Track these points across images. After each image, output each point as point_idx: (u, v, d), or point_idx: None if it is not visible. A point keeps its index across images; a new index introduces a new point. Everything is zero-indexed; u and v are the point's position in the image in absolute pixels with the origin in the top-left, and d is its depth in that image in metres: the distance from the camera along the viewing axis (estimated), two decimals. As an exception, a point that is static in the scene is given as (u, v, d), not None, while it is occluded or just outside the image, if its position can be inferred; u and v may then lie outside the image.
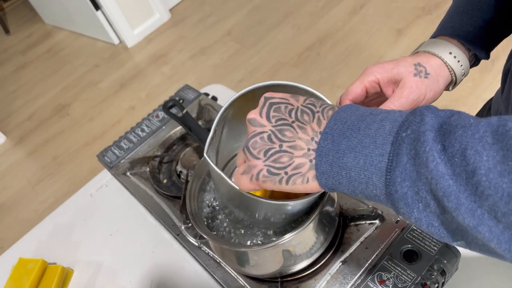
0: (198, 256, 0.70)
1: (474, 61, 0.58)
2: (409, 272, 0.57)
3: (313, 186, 0.37)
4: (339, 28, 2.42)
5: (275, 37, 2.54)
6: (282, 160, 0.37)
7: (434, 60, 0.54)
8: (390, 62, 0.53)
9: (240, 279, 0.64)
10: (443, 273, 0.57)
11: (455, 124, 0.29)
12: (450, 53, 0.54)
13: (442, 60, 0.54)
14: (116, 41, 2.96)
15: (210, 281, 0.69)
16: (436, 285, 0.56)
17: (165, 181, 0.83)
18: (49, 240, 0.87)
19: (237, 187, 0.42)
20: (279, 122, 0.38)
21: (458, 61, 0.54)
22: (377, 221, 0.64)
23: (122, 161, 0.88)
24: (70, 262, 0.82)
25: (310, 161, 0.36)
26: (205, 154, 0.48)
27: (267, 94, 0.41)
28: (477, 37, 0.56)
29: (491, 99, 0.73)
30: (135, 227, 0.82)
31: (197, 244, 0.70)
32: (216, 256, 0.67)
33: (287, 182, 0.37)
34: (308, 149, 0.37)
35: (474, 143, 0.27)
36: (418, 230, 0.61)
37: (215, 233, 0.63)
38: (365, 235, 0.63)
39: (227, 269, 0.66)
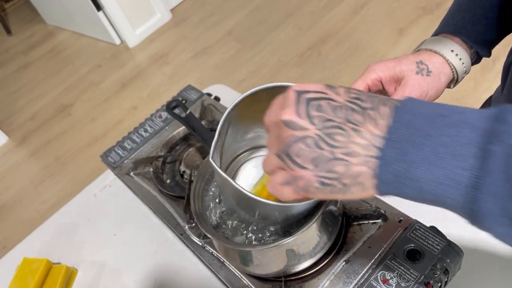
0: (202, 255, 0.70)
1: (476, 59, 0.58)
2: (412, 271, 0.58)
3: (369, 194, 0.34)
4: (340, 28, 2.42)
5: (276, 37, 2.55)
6: (336, 169, 0.33)
7: (436, 58, 0.54)
8: (392, 60, 0.53)
9: (244, 278, 0.65)
10: (446, 272, 0.57)
11: None
12: (452, 51, 0.54)
13: (444, 58, 0.54)
14: (118, 41, 2.96)
15: (214, 281, 0.69)
16: (439, 284, 0.57)
17: (168, 181, 0.83)
18: (53, 240, 0.87)
19: (245, 191, 0.42)
20: (326, 124, 0.33)
21: (460, 59, 0.54)
22: (380, 221, 0.64)
23: (125, 162, 0.89)
24: (74, 262, 0.82)
25: (369, 168, 0.32)
26: (210, 159, 0.48)
27: (297, 87, 0.35)
28: (479, 34, 0.56)
29: (490, 97, 0.73)
30: (139, 227, 0.83)
31: (201, 244, 0.71)
32: (220, 256, 0.68)
33: (343, 193, 0.34)
34: (366, 156, 0.32)
35: None
36: (421, 229, 0.61)
37: (219, 232, 0.63)
38: (368, 234, 0.64)
39: (231, 268, 0.66)
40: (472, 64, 0.58)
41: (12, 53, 3.34)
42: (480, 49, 0.57)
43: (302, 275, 0.62)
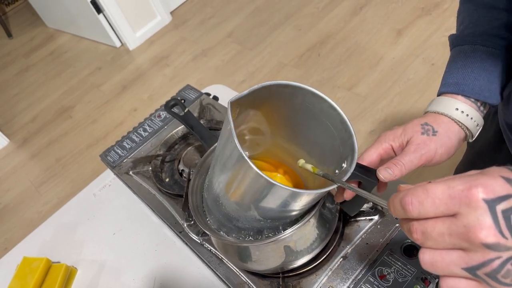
0: (200, 253, 0.70)
1: (489, 107, 0.57)
2: (409, 266, 0.58)
3: None
4: (339, 29, 2.43)
5: (276, 39, 2.55)
6: None
7: (441, 118, 0.54)
8: (400, 127, 0.54)
9: (242, 275, 0.65)
10: (443, 267, 0.57)
11: None
12: (457, 109, 0.54)
13: (450, 118, 0.54)
14: (118, 44, 2.97)
15: (213, 278, 0.70)
16: (437, 279, 0.57)
17: (167, 179, 0.84)
18: (53, 239, 0.88)
19: (271, 181, 0.41)
20: None
21: (467, 115, 0.54)
22: (377, 217, 0.65)
23: (124, 161, 0.89)
24: (74, 261, 0.82)
25: None
26: (241, 153, 0.43)
27: (485, 195, 0.29)
28: (482, 87, 0.55)
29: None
30: (138, 225, 0.83)
31: (199, 241, 0.71)
32: (219, 253, 0.68)
33: None
34: None
35: None
36: (418, 225, 0.61)
37: (217, 229, 0.64)
38: (365, 230, 0.64)
39: (229, 265, 0.67)
40: (487, 111, 0.58)
41: (13, 56, 3.35)
42: (487, 99, 0.56)
43: (300, 271, 0.62)
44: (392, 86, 1.99)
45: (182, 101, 0.95)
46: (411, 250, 0.60)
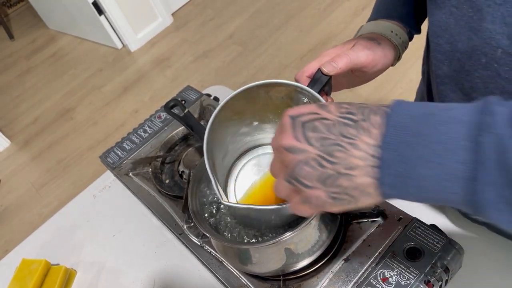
0: (200, 255, 0.70)
1: (409, 36, 0.63)
2: (412, 269, 0.57)
3: (378, 200, 0.35)
4: (341, 30, 2.42)
5: (277, 40, 2.55)
6: (341, 184, 0.34)
7: (380, 36, 0.58)
8: (342, 44, 0.57)
9: (243, 277, 0.64)
10: (446, 270, 0.56)
11: None
12: (392, 31, 0.59)
13: (386, 38, 0.58)
14: (119, 46, 2.97)
15: (213, 280, 0.69)
16: (440, 282, 0.56)
17: (167, 181, 0.83)
18: (52, 241, 0.87)
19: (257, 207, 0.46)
20: (323, 143, 0.34)
21: (400, 37, 0.59)
22: (379, 219, 0.64)
23: (124, 162, 0.89)
24: (73, 263, 0.82)
25: (372, 177, 0.33)
26: (223, 202, 0.50)
27: (291, 112, 0.37)
28: (409, 14, 0.61)
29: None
30: (138, 227, 0.82)
31: (199, 243, 0.70)
32: (219, 255, 0.67)
33: (354, 203, 0.35)
34: (367, 166, 0.33)
35: None
36: (421, 227, 0.60)
37: (217, 232, 0.63)
38: (368, 232, 0.63)
39: (229, 267, 0.66)
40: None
41: (14, 58, 3.36)
42: (411, 28, 0.62)
43: (301, 274, 0.61)
44: (394, 87, 1.98)
45: (182, 101, 0.94)
46: (414, 253, 0.59)
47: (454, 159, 0.29)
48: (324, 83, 0.51)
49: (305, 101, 0.51)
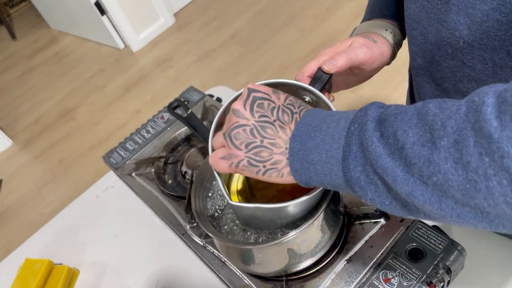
0: (203, 255, 0.70)
1: (403, 35, 0.63)
2: (414, 270, 0.57)
3: (287, 180, 0.42)
4: (343, 31, 2.42)
5: (279, 40, 2.55)
6: (262, 154, 0.41)
7: (376, 35, 0.59)
8: (339, 43, 0.57)
9: (245, 278, 0.64)
10: (448, 271, 0.57)
11: (390, 113, 0.35)
12: (386, 29, 0.60)
13: (382, 36, 0.59)
14: (121, 46, 2.97)
15: (215, 281, 0.69)
16: (442, 283, 0.56)
17: (170, 181, 0.83)
18: (55, 241, 0.87)
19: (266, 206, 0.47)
20: (262, 119, 0.42)
21: (394, 35, 0.60)
22: (382, 220, 0.64)
23: (127, 162, 0.89)
24: (76, 263, 0.82)
25: (287, 159, 0.40)
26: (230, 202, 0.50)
27: (250, 86, 0.44)
28: (402, 14, 0.60)
29: None
30: (141, 227, 0.82)
31: (202, 244, 0.71)
32: (221, 255, 0.67)
33: (263, 174, 0.42)
34: (286, 148, 0.41)
35: (402, 124, 0.33)
36: (423, 228, 0.61)
37: (220, 232, 0.63)
38: (370, 233, 0.63)
39: (232, 268, 0.66)
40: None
41: (16, 58, 3.36)
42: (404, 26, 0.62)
43: (304, 274, 0.62)
44: (396, 88, 1.98)
45: (185, 102, 0.94)
46: (416, 254, 0.59)
47: (335, 146, 0.37)
48: (325, 81, 0.51)
49: (307, 100, 0.52)
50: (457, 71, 0.50)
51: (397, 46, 0.61)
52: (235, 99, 0.51)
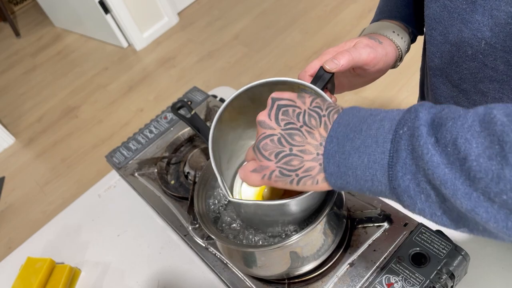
0: (205, 257, 0.70)
1: (412, 38, 0.63)
2: (417, 275, 0.57)
3: (323, 186, 0.39)
4: (346, 33, 2.42)
5: (283, 41, 2.55)
6: (293, 163, 0.39)
7: (382, 36, 0.58)
8: (343, 42, 0.57)
9: (247, 280, 0.64)
10: (452, 276, 0.56)
11: (445, 117, 0.31)
12: (394, 31, 0.59)
13: (388, 38, 0.58)
14: (125, 44, 2.98)
15: (217, 282, 0.69)
16: (445, 289, 0.56)
17: (172, 182, 0.83)
18: (57, 240, 0.87)
19: (265, 203, 0.46)
20: (288, 126, 0.40)
21: (402, 38, 0.59)
22: (385, 224, 0.64)
23: (130, 162, 0.89)
24: (78, 262, 0.82)
25: (320, 164, 0.38)
26: (229, 198, 0.50)
27: (274, 95, 0.42)
28: (411, 15, 0.62)
29: None
30: (143, 227, 0.82)
31: (204, 245, 0.70)
32: (223, 257, 0.67)
33: (297, 183, 0.39)
34: (317, 154, 0.38)
35: (463, 132, 0.30)
36: (426, 233, 0.60)
37: (223, 234, 0.63)
38: (373, 237, 0.63)
39: (234, 270, 0.66)
40: (410, 43, 0.63)
41: (20, 55, 3.37)
42: (414, 28, 0.62)
43: (306, 278, 0.61)
44: (400, 90, 1.98)
45: (189, 103, 0.94)
46: (420, 258, 0.59)
47: (379, 150, 0.34)
48: (326, 81, 0.51)
49: None
50: (477, 72, 0.50)
51: (404, 49, 0.60)
52: (235, 97, 0.51)
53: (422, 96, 0.69)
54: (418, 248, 0.59)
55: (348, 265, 0.61)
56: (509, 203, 0.28)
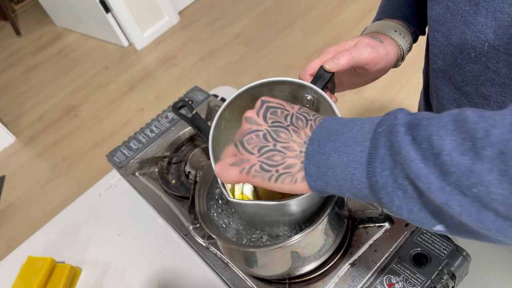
0: (206, 256, 0.70)
1: (414, 37, 0.63)
2: (418, 275, 0.57)
3: (301, 187, 0.39)
4: (347, 32, 2.42)
5: (283, 41, 2.55)
6: (275, 158, 0.40)
7: (383, 35, 0.58)
8: (344, 42, 0.57)
9: (248, 280, 0.64)
10: (453, 277, 0.56)
11: (421, 118, 0.33)
12: (396, 30, 0.59)
13: (390, 37, 0.58)
14: (126, 44, 2.98)
15: (218, 282, 0.69)
16: (447, 290, 0.56)
17: (173, 181, 0.83)
18: (58, 239, 0.87)
19: (264, 203, 0.46)
20: (275, 124, 0.41)
21: (404, 37, 0.59)
22: (386, 224, 0.64)
23: (131, 161, 0.89)
24: (79, 261, 0.82)
25: (302, 162, 0.39)
26: (229, 198, 0.50)
27: (264, 98, 0.43)
28: (414, 15, 0.62)
29: None
30: (143, 227, 0.82)
31: (205, 245, 0.70)
32: (224, 257, 0.67)
33: (276, 179, 0.40)
34: (300, 152, 0.39)
35: (438, 130, 0.31)
36: (428, 233, 0.60)
37: (223, 233, 0.63)
38: (374, 237, 0.63)
39: (234, 269, 0.66)
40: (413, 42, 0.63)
41: (21, 54, 3.37)
42: (416, 28, 0.62)
43: (307, 278, 0.61)
44: (400, 90, 1.97)
45: (190, 102, 0.94)
46: (421, 259, 0.59)
47: (358, 149, 0.35)
48: (326, 80, 0.51)
49: (308, 98, 0.51)
50: (479, 75, 0.49)
51: (405, 48, 0.60)
52: (236, 97, 0.51)
53: (427, 100, 0.69)
54: (419, 249, 0.59)
55: (349, 265, 0.61)
56: (480, 196, 0.29)
